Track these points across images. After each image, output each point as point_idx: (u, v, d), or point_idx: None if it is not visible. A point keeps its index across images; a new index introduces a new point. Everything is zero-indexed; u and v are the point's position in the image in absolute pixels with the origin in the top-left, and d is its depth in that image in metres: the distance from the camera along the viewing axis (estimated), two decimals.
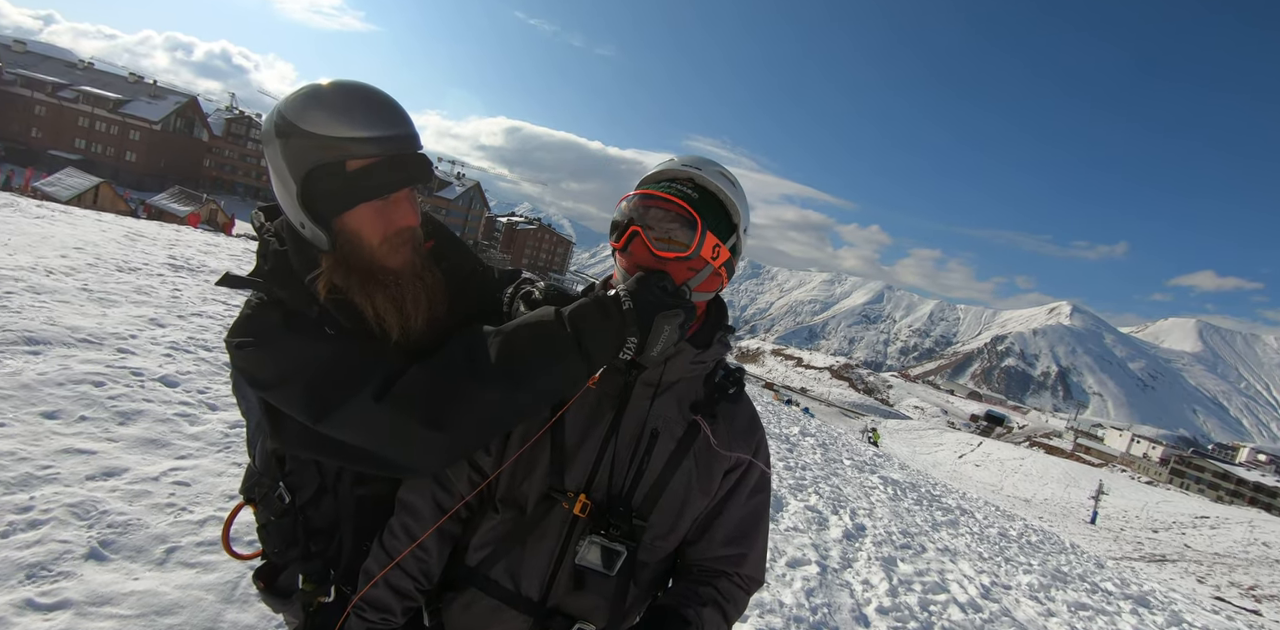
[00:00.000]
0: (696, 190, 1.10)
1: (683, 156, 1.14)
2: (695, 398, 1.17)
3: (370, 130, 1.01)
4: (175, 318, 5.45)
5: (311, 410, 0.99)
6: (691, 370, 1.16)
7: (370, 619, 1.12)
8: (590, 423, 1.13)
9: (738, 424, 1.19)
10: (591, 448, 1.11)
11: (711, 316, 1.21)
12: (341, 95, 1.01)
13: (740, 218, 1.13)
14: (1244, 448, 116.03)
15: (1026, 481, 54.58)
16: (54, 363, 3.72)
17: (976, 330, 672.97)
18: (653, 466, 1.11)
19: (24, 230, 7.31)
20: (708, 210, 1.08)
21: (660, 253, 1.05)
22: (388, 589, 1.12)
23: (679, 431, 1.13)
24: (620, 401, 1.13)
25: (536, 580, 1.11)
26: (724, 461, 1.16)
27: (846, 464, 10.79)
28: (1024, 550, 8.61)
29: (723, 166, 1.13)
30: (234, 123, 73.90)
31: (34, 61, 62.13)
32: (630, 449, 1.12)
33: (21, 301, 4.55)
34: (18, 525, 2.37)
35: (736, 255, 1.15)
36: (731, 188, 1.11)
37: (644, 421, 1.12)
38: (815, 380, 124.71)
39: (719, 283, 1.15)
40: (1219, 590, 23.75)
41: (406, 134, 1.05)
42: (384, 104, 1.04)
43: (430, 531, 1.12)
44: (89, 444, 3.06)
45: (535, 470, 1.12)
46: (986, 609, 4.96)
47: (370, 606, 1.12)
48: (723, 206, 1.11)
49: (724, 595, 1.15)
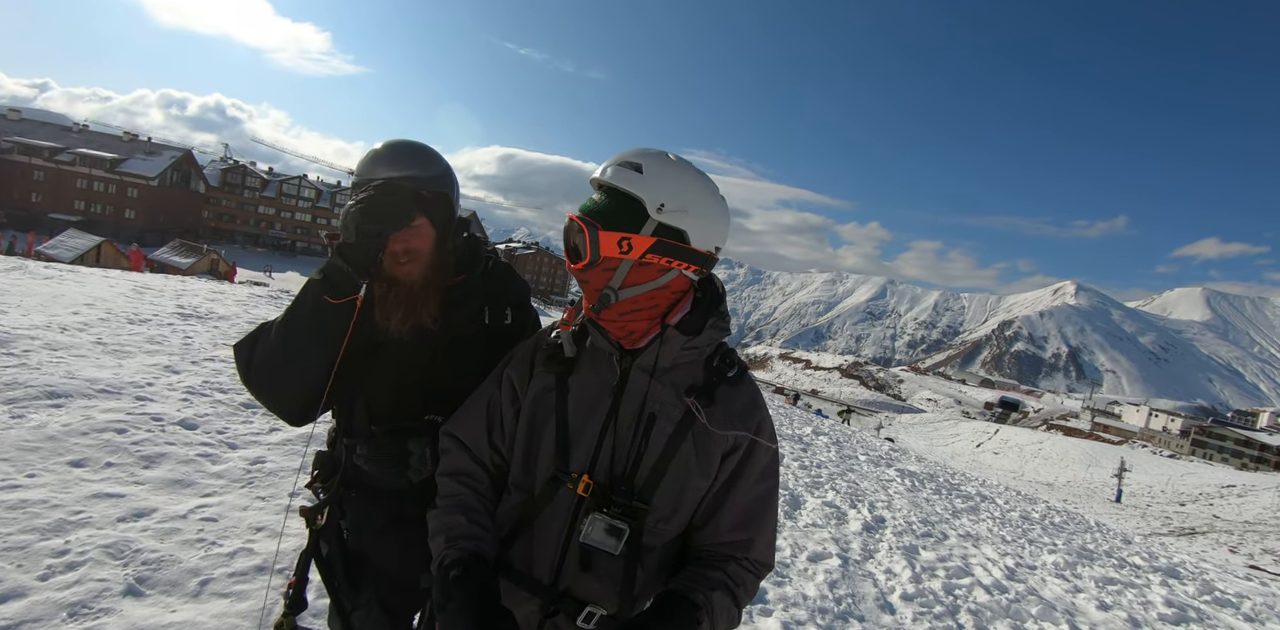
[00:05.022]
0: (603, 192, 1.15)
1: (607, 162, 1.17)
2: (694, 382, 1.20)
3: (374, 173, 1.33)
4: (189, 364, 5.59)
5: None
6: (685, 356, 1.19)
7: (465, 547, 1.13)
8: (591, 407, 1.19)
9: (735, 406, 1.21)
10: (593, 431, 1.17)
11: (702, 303, 1.22)
12: (379, 147, 1.38)
13: (649, 201, 1.09)
14: (1264, 412, 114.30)
15: (1047, 465, 53.95)
16: (76, 414, 3.85)
17: (983, 317, 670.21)
18: (652, 449, 1.16)
19: (35, 291, 7.50)
20: (613, 209, 1.12)
21: (573, 267, 1.15)
22: (458, 511, 1.18)
23: (677, 415, 1.17)
24: (619, 387, 1.19)
25: (546, 562, 1.16)
26: (721, 443, 1.18)
27: (862, 459, 10.79)
28: (1047, 531, 8.57)
29: (639, 152, 1.14)
30: (229, 173, 75.18)
31: (30, 128, 63.48)
32: (630, 432, 1.17)
33: (40, 358, 4.70)
34: (56, 568, 2.47)
35: (677, 234, 1.12)
36: (634, 175, 1.11)
37: (642, 405, 1.17)
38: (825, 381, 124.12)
39: (654, 273, 1.14)
40: (1253, 559, 23.32)
41: (411, 175, 1.34)
42: (398, 151, 1.37)
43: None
44: (117, 488, 3.17)
45: (542, 453, 1.20)
46: (1012, 589, 4.97)
47: (461, 537, 1.14)
48: (628, 197, 1.11)
49: (733, 579, 1.16)
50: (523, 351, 1.32)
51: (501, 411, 1.27)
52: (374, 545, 1.44)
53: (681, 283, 1.18)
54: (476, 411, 1.30)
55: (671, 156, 1.15)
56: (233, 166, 76.06)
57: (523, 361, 1.29)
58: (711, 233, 1.16)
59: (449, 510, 1.19)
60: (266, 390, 1.31)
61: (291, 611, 1.44)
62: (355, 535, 1.45)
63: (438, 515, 1.20)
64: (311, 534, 1.47)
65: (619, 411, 1.17)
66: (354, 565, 1.45)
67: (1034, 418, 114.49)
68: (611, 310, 1.16)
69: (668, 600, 1.09)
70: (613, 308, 1.15)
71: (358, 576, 1.44)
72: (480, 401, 1.31)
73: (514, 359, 1.32)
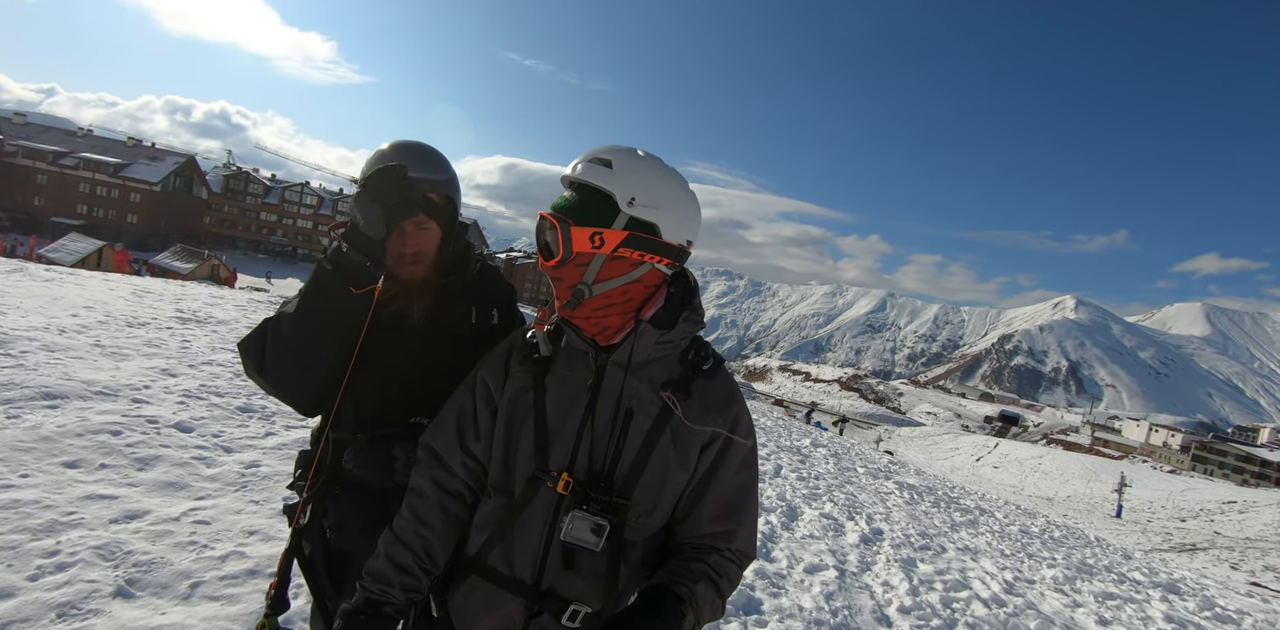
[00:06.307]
0: (574, 189, 1.16)
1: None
2: (670, 376, 1.20)
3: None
4: (186, 367, 5.58)
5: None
6: (660, 350, 1.20)
7: (370, 589, 1.17)
8: (569, 404, 1.19)
9: (711, 399, 1.21)
10: (570, 428, 1.17)
11: (675, 297, 1.22)
12: (385, 147, 1.42)
13: (620, 195, 1.11)
14: (1265, 428, 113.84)
15: (1047, 480, 53.63)
16: (72, 415, 3.85)
17: (983, 331, 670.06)
18: (630, 444, 1.16)
19: (35, 293, 7.52)
20: (584, 204, 1.13)
21: (545, 264, 1.15)
22: (387, 561, 1.19)
23: (654, 409, 1.17)
24: (595, 384, 1.18)
25: (529, 562, 1.16)
26: (698, 436, 1.19)
27: (860, 472, 10.74)
28: (1047, 545, 8.51)
29: (608, 148, 1.15)
30: (231, 179, 75.52)
31: (35, 132, 63.86)
32: (607, 428, 1.16)
33: (38, 359, 4.70)
34: (46, 568, 2.46)
35: (648, 228, 1.14)
36: (604, 170, 1.12)
37: (618, 401, 1.17)
38: (825, 393, 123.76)
39: (627, 267, 1.15)
40: (1254, 575, 23.13)
41: (425, 177, 1.37)
42: (410, 153, 1.40)
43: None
44: (110, 489, 3.16)
45: (520, 453, 1.20)
46: (1011, 603, 4.93)
47: (370, 577, 1.19)
48: (599, 193, 1.12)
49: (716, 570, 1.16)
50: (497, 353, 1.32)
51: (475, 414, 1.28)
52: (357, 545, 1.42)
53: (654, 276, 1.19)
54: (450, 419, 1.30)
55: (640, 152, 1.16)
56: (235, 173, 76.45)
57: (497, 363, 1.29)
58: (683, 226, 1.17)
59: (392, 543, 1.22)
60: (283, 383, 1.33)
61: (273, 612, 1.41)
62: (338, 534, 1.44)
63: (388, 539, 1.23)
64: (294, 533, 1.46)
65: (596, 408, 1.17)
66: (337, 565, 1.44)
67: (1034, 432, 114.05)
68: (584, 307, 1.16)
69: (652, 594, 1.08)
70: (585, 304, 1.15)
71: (340, 577, 1.43)
72: (453, 408, 1.31)
73: (488, 361, 1.32)
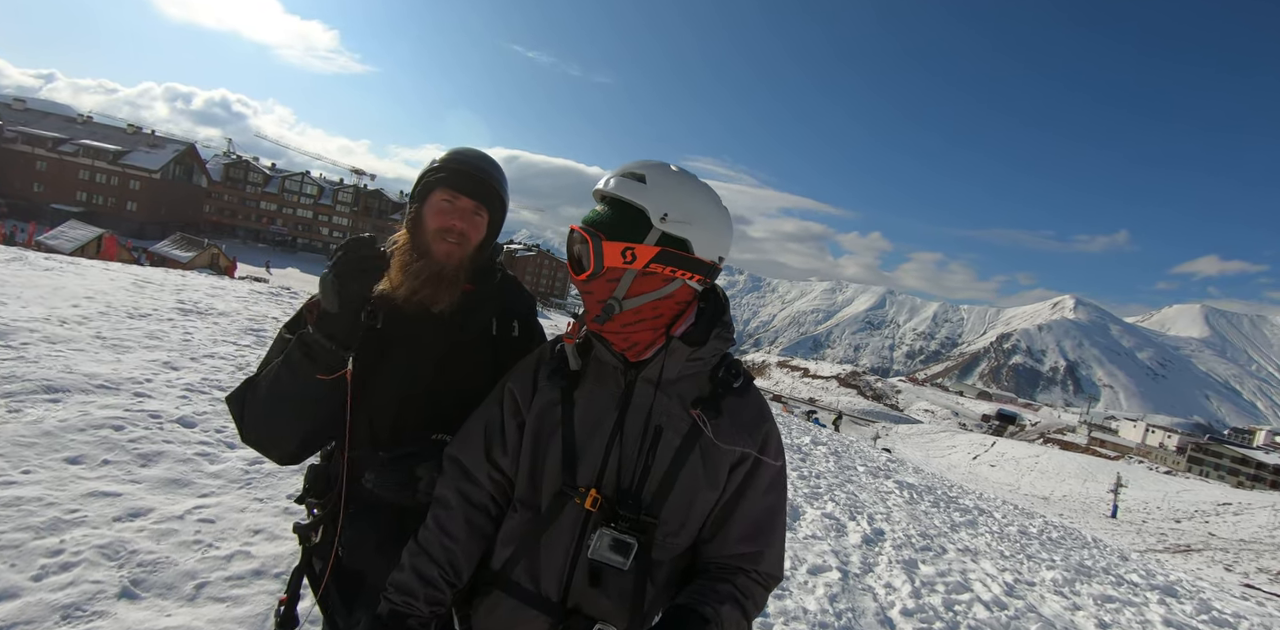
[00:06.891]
0: (606, 203, 1.16)
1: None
2: (700, 393, 1.19)
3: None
4: (188, 360, 5.55)
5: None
6: (690, 367, 1.18)
7: (394, 600, 1.17)
8: (597, 420, 1.18)
9: (742, 417, 1.20)
10: (599, 444, 1.16)
11: (706, 313, 1.21)
12: (465, 151, 1.49)
13: (653, 211, 1.10)
14: (1261, 431, 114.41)
15: (1043, 479, 53.84)
16: (74, 409, 3.81)
17: (981, 330, 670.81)
18: (659, 462, 1.14)
19: (35, 282, 7.46)
20: (617, 219, 1.12)
21: (576, 278, 1.15)
22: (413, 573, 1.19)
23: (684, 427, 1.16)
24: (624, 400, 1.17)
25: (555, 579, 1.14)
26: (728, 456, 1.17)
27: (860, 471, 10.74)
28: (1045, 547, 8.53)
29: (641, 163, 1.14)
30: (232, 168, 75.14)
31: (34, 118, 63.42)
32: (636, 445, 1.15)
33: (38, 351, 4.66)
34: (50, 568, 2.43)
35: (680, 244, 1.12)
36: (637, 185, 1.11)
37: (648, 418, 1.16)
38: (823, 390, 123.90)
39: (659, 283, 1.13)
40: (1248, 577, 23.28)
41: (470, 165, 1.42)
42: (484, 158, 1.47)
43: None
44: (113, 486, 3.13)
45: (548, 468, 1.18)
46: (1011, 606, 4.93)
47: (394, 588, 1.18)
48: (631, 208, 1.11)
49: (743, 592, 1.14)
50: (525, 365, 1.31)
51: (503, 426, 1.26)
52: (370, 563, 1.39)
53: (685, 293, 1.17)
54: (477, 431, 1.29)
55: (674, 167, 1.15)
56: (236, 161, 76.03)
57: (525, 376, 1.28)
58: (715, 242, 1.16)
59: (416, 555, 1.21)
60: (260, 443, 1.40)
61: (283, 629, 1.40)
62: (351, 553, 1.41)
63: (412, 551, 1.22)
64: (305, 551, 1.44)
65: (625, 425, 1.16)
66: (348, 583, 1.41)
67: (1031, 431, 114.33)
68: (614, 321, 1.14)
69: (677, 614, 1.07)
70: (616, 319, 1.14)
71: (352, 595, 1.41)
72: (480, 420, 1.30)
73: (516, 373, 1.31)
